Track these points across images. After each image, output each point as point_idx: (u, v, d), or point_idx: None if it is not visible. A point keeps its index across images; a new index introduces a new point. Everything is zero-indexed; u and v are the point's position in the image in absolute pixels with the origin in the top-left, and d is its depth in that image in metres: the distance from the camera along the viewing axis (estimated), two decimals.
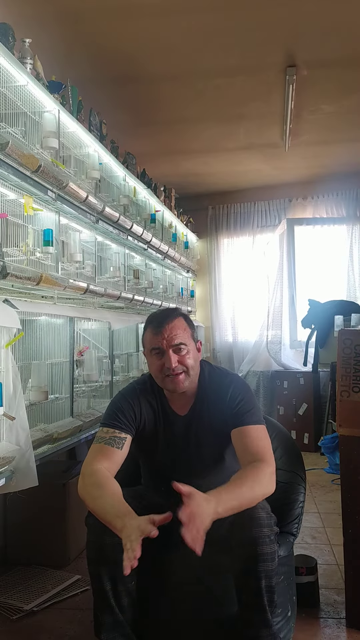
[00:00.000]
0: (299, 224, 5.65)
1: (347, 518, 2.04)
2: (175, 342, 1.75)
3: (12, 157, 1.92)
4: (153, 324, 1.80)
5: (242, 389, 1.81)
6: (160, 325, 1.77)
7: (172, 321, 1.78)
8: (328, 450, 4.30)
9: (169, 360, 1.74)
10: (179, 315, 1.82)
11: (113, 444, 1.72)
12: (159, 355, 1.77)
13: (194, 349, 1.81)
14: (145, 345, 1.83)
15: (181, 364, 1.75)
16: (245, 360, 5.63)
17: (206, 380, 1.85)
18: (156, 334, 1.77)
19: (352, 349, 2.08)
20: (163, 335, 1.76)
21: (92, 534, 1.63)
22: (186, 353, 1.77)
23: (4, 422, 1.90)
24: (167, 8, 2.57)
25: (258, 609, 1.57)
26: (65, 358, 2.54)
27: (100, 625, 1.65)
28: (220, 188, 5.69)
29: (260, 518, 1.57)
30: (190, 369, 1.77)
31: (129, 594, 1.65)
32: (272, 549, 1.57)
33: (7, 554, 2.66)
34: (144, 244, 3.66)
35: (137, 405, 1.81)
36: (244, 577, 1.57)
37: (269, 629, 1.58)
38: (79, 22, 2.66)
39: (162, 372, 1.76)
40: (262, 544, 1.55)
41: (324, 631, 2.01)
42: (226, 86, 3.38)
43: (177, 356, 1.75)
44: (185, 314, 1.88)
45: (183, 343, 1.76)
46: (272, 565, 1.57)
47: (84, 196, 2.51)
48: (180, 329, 1.78)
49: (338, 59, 3.10)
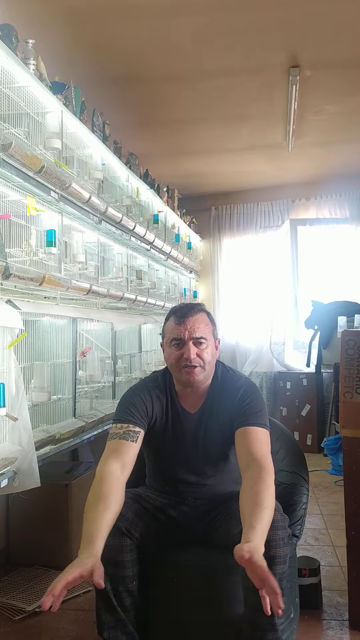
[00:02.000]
0: (302, 224, 5.65)
1: (350, 519, 2.03)
2: (196, 335, 1.77)
3: (15, 158, 1.92)
4: (177, 314, 1.81)
5: (253, 391, 1.82)
6: (184, 316, 1.79)
7: (196, 314, 1.81)
8: (331, 451, 4.29)
9: (188, 352, 1.75)
10: (202, 311, 1.85)
11: (128, 437, 1.72)
12: (179, 346, 1.78)
13: (213, 346, 1.83)
14: (165, 335, 1.85)
15: (199, 357, 1.77)
16: (248, 361, 5.63)
17: (219, 380, 1.86)
18: (179, 324, 1.79)
19: (355, 350, 2.07)
20: (185, 326, 1.77)
21: None
22: (205, 347, 1.78)
23: (6, 422, 1.90)
24: (170, 9, 2.56)
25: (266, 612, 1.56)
26: (68, 359, 2.54)
27: (102, 623, 1.65)
28: (223, 188, 5.69)
29: (275, 520, 1.56)
30: (206, 364, 1.79)
31: (130, 594, 1.65)
32: (284, 552, 1.56)
33: (10, 554, 2.66)
34: (147, 244, 3.66)
35: (149, 401, 1.82)
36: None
37: (275, 632, 1.58)
38: (82, 23, 2.66)
39: (179, 362, 1.77)
40: (277, 547, 1.54)
41: (326, 633, 2.00)
42: (229, 87, 3.38)
43: (196, 349, 1.77)
44: (208, 311, 1.91)
45: (204, 337, 1.78)
46: (284, 568, 1.57)
47: (87, 197, 2.51)
48: (202, 323, 1.80)
49: (341, 60, 3.10)
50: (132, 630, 1.66)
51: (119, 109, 3.50)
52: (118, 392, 3.15)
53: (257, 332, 5.63)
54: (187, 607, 1.72)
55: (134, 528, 1.66)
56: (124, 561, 1.62)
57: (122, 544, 1.62)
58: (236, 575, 1.65)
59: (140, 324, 3.64)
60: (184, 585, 1.73)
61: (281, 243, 5.65)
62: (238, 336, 5.80)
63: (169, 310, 1.89)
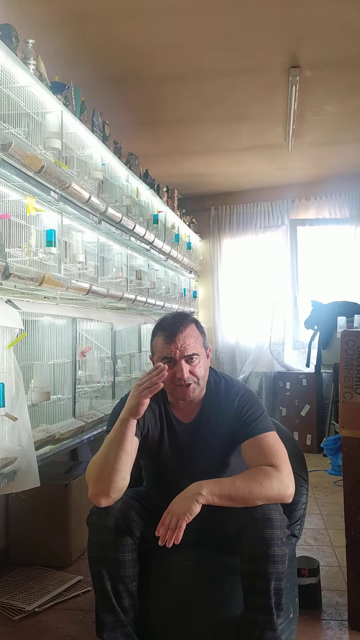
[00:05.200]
0: (302, 224, 5.65)
1: (350, 520, 2.04)
2: (188, 353, 1.72)
3: (15, 158, 1.92)
4: (165, 331, 1.75)
5: (249, 398, 1.80)
6: (173, 334, 1.72)
7: (185, 329, 1.74)
8: (331, 451, 4.29)
9: (180, 371, 1.71)
10: (191, 322, 1.78)
11: None
12: (170, 364, 1.72)
13: (205, 358, 1.79)
14: (155, 352, 1.79)
15: (192, 374, 1.73)
16: (248, 362, 5.63)
17: (212, 389, 1.83)
18: (168, 342, 1.72)
19: (354, 350, 2.07)
20: (176, 344, 1.71)
21: (94, 533, 1.63)
22: (197, 363, 1.74)
23: (6, 422, 1.90)
24: (170, 9, 2.56)
25: (265, 611, 1.57)
26: (68, 359, 2.54)
27: (102, 625, 1.64)
28: (223, 189, 5.69)
29: (274, 519, 1.57)
30: (200, 379, 1.76)
31: (129, 594, 1.65)
32: (283, 551, 1.57)
33: (9, 554, 2.66)
34: (147, 244, 3.66)
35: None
36: (253, 578, 1.57)
37: (274, 631, 1.58)
38: (82, 23, 2.66)
39: (173, 382, 1.73)
40: (274, 546, 1.55)
41: (326, 633, 2.00)
42: (229, 87, 3.38)
43: (189, 366, 1.72)
44: (196, 319, 1.85)
45: (195, 353, 1.73)
46: (282, 568, 1.57)
47: (87, 197, 2.51)
48: (192, 337, 1.74)
49: (342, 60, 3.10)
50: (131, 631, 1.66)
51: (118, 109, 3.51)
52: (118, 392, 3.15)
53: (257, 332, 5.64)
54: (186, 607, 1.72)
55: (135, 527, 1.65)
56: (124, 560, 1.62)
57: (124, 543, 1.62)
58: (235, 575, 1.65)
59: (140, 324, 3.64)
60: (184, 585, 1.73)
61: (281, 243, 5.66)
62: (238, 336, 5.80)
63: (156, 323, 1.82)
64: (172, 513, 1.59)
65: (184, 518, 1.56)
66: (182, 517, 1.56)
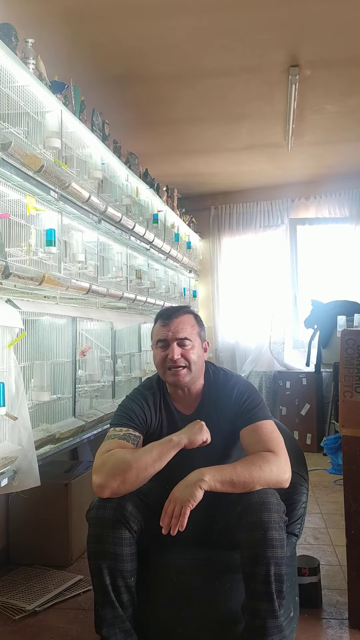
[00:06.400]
0: (302, 224, 5.65)
1: (350, 519, 2.04)
2: (180, 336, 1.80)
3: (15, 157, 1.92)
4: (163, 317, 1.86)
5: (247, 387, 1.85)
6: (169, 318, 1.83)
7: (181, 316, 1.84)
8: (331, 450, 4.30)
9: (172, 352, 1.78)
10: (188, 312, 1.89)
11: (128, 439, 1.73)
12: (164, 347, 1.81)
13: (199, 347, 1.85)
14: (152, 337, 1.88)
15: (184, 357, 1.79)
16: (248, 361, 5.63)
17: (212, 380, 1.88)
18: (164, 325, 1.83)
19: (354, 349, 2.07)
20: (169, 327, 1.81)
21: (93, 528, 1.63)
22: (190, 348, 1.80)
23: (6, 422, 1.90)
24: (170, 8, 2.56)
25: (266, 598, 1.56)
26: (68, 358, 2.54)
27: (100, 620, 1.64)
28: (223, 188, 5.69)
29: (270, 503, 1.59)
30: (192, 364, 1.80)
31: (128, 589, 1.65)
32: (281, 535, 1.57)
33: (10, 554, 2.66)
34: (147, 244, 3.66)
35: (146, 407, 1.84)
36: (253, 564, 1.57)
37: (275, 619, 1.57)
38: (82, 22, 2.66)
39: (165, 363, 1.80)
40: (272, 529, 1.56)
41: (326, 632, 2.00)
42: (229, 86, 3.38)
43: (180, 349, 1.79)
44: (196, 313, 1.93)
45: (188, 338, 1.81)
46: (282, 552, 1.57)
47: (87, 196, 2.51)
48: (187, 324, 1.83)
49: (341, 59, 3.10)
50: (129, 627, 1.66)
51: (118, 108, 3.50)
52: (118, 392, 3.15)
53: (257, 331, 5.64)
54: (186, 605, 1.72)
55: (134, 521, 1.64)
56: (123, 554, 1.61)
57: (122, 537, 1.62)
58: (236, 574, 1.65)
59: (140, 324, 3.64)
60: (183, 584, 1.73)
61: (281, 242, 5.66)
62: (238, 335, 5.80)
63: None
64: (175, 500, 1.60)
65: (188, 504, 1.57)
66: (186, 503, 1.57)
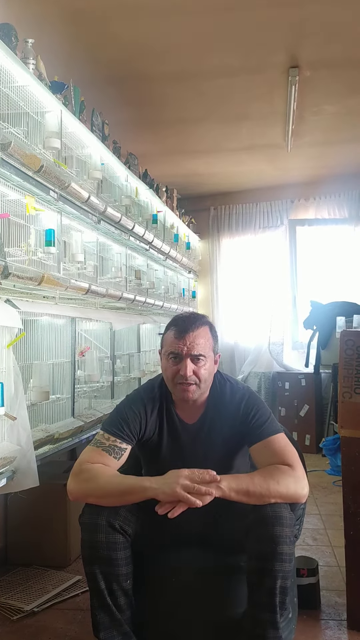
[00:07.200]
0: (301, 224, 5.65)
1: (349, 520, 2.04)
2: (194, 352, 1.71)
3: (15, 157, 1.92)
4: (178, 327, 1.75)
5: (255, 401, 1.79)
6: (185, 331, 1.72)
7: (198, 329, 1.74)
8: (330, 451, 4.30)
9: (184, 369, 1.70)
10: (205, 324, 1.78)
11: (111, 452, 1.70)
12: (176, 360, 1.73)
13: (212, 362, 1.77)
14: (163, 346, 1.79)
15: (195, 375, 1.72)
16: (247, 362, 5.63)
17: (217, 391, 1.82)
18: (179, 338, 1.72)
19: (354, 350, 2.07)
20: (185, 341, 1.71)
21: (86, 533, 1.62)
22: (203, 364, 1.73)
23: (5, 422, 1.90)
24: (170, 8, 2.56)
25: (269, 610, 1.56)
26: (67, 358, 2.54)
27: (98, 623, 1.63)
28: (223, 189, 5.69)
29: (284, 517, 1.56)
30: (202, 382, 1.74)
31: (124, 593, 1.63)
32: (291, 549, 1.56)
33: (8, 554, 2.66)
34: (146, 244, 3.66)
35: (143, 415, 1.78)
36: (260, 576, 1.56)
37: (276, 630, 1.57)
38: (82, 22, 2.66)
39: (175, 378, 1.73)
40: (283, 544, 1.54)
41: (325, 633, 2.00)
42: (229, 87, 3.38)
43: (193, 366, 1.71)
44: (212, 324, 1.83)
45: (202, 355, 1.73)
46: (289, 567, 1.56)
47: (86, 196, 2.51)
48: (203, 338, 1.74)
49: (341, 60, 3.10)
50: (128, 630, 1.64)
51: (118, 108, 3.50)
52: (117, 392, 3.15)
53: (256, 332, 5.64)
54: (185, 607, 1.72)
55: (127, 525, 1.63)
56: (117, 559, 1.60)
57: (116, 541, 1.60)
58: (237, 575, 1.65)
59: (139, 324, 3.64)
60: (183, 586, 1.73)
61: (280, 243, 5.66)
62: (237, 336, 5.80)
63: (172, 317, 1.83)
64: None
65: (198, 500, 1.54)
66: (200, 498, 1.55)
